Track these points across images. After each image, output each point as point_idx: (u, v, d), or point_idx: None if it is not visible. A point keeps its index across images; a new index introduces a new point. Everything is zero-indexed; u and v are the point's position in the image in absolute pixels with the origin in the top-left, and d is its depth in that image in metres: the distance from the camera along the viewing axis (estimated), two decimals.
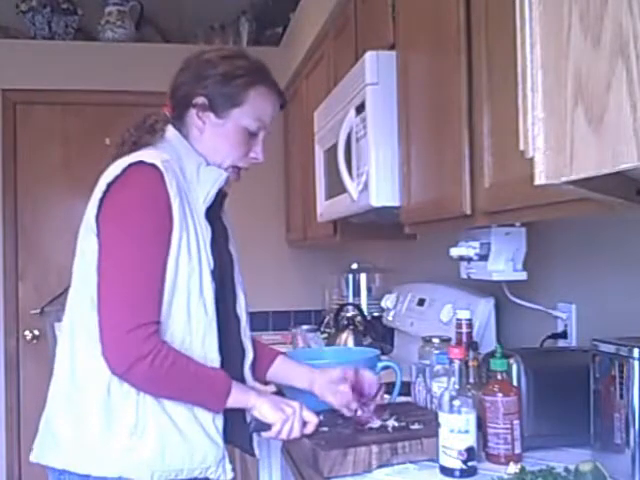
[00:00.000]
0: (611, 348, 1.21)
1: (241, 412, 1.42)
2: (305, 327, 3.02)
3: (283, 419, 1.36)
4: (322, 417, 1.46)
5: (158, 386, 1.29)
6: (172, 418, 1.31)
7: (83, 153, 3.71)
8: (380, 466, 1.35)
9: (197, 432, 1.34)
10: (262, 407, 1.36)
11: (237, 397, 1.34)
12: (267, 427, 1.38)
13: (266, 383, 1.67)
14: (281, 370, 1.63)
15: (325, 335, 2.99)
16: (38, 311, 3.64)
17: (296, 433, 1.38)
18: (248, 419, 1.42)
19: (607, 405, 1.22)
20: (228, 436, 1.40)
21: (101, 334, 1.26)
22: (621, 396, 1.18)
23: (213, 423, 1.36)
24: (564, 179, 0.71)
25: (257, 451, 1.50)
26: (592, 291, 1.65)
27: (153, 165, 1.29)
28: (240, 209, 1.55)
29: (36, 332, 3.71)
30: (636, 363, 1.15)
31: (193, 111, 1.43)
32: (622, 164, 0.63)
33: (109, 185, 1.31)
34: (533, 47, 0.73)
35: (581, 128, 0.68)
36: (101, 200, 1.31)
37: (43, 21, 3.76)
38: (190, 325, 1.33)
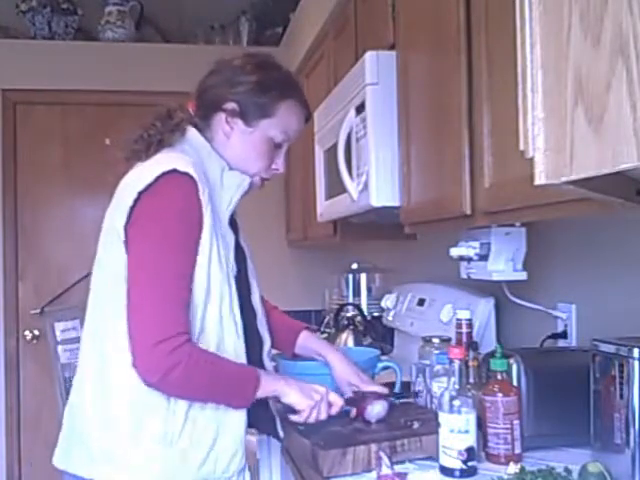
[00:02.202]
0: (611, 348, 1.21)
1: (264, 398, 1.43)
2: None
3: (311, 406, 1.40)
4: (347, 396, 1.51)
5: (189, 392, 1.29)
6: (200, 429, 1.32)
7: (83, 153, 3.71)
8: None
9: (222, 443, 1.34)
10: (291, 395, 1.39)
11: (266, 389, 1.36)
12: (294, 410, 1.42)
13: (294, 355, 1.72)
14: (305, 345, 1.71)
15: (325, 335, 2.99)
16: (38, 311, 3.64)
17: (323, 416, 1.42)
18: (271, 404, 1.47)
19: (607, 405, 1.22)
20: (252, 422, 1.42)
21: (132, 345, 1.25)
22: (621, 396, 1.18)
23: (238, 434, 1.36)
24: (564, 179, 0.71)
25: (281, 433, 1.53)
26: (592, 291, 1.65)
27: (187, 174, 1.28)
28: (240, 209, 1.55)
29: (36, 332, 3.70)
30: (636, 363, 1.15)
31: (222, 115, 1.42)
32: (622, 164, 0.63)
33: (140, 193, 1.27)
34: (533, 47, 0.73)
35: (581, 128, 0.68)
36: (131, 208, 1.28)
37: (43, 21, 3.76)
38: (223, 339, 1.34)
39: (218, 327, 1.33)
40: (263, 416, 1.48)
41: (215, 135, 1.44)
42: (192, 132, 1.42)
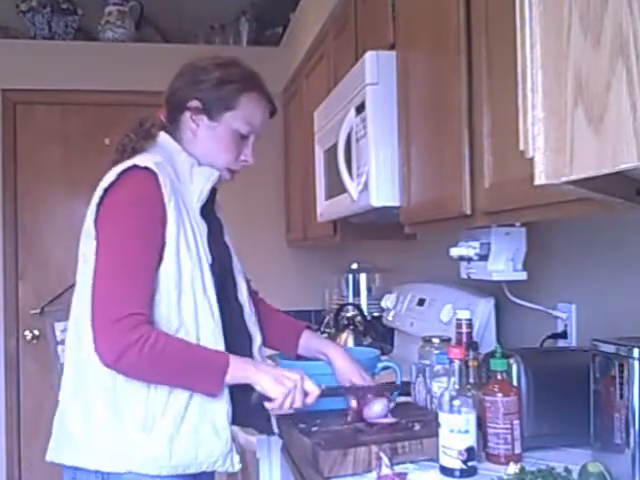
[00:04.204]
0: (611, 348, 1.21)
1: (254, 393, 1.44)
2: None
3: (284, 393, 1.38)
4: (324, 387, 1.47)
5: (149, 373, 1.32)
6: (181, 413, 1.34)
7: (83, 153, 3.71)
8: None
9: (205, 427, 1.37)
10: (263, 382, 1.38)
11: (236, 374, 1.36)
12: (270, 399, 1.40)
13: (299, 357, 1.72)
14: (307, 345, 1.70)
15: (325, 335, 2.99)
16: (38, 311, 3.63)
17: (298, 404, 1.40)
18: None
19: (607, 405, 1.22)
20: (244, 419, 1.43)
21: (92, 327, 1.30)
22: (621, 396, 1.18)
23: (221, 417, 1.38)
24: (564, 179, 0.71)
25: (275, 429, 1.55)
26: (592, 291, 1.65)
27: (146, 168, 1.35)
28: (240, 209, 1.57)
29: (36, 332, 3.71)
30: (636, 363, 1.15)
31: (187, 114, 1.50)
32: (622, 164, 0.63)
33: (105, 191, 1.37)
34: (533, 47, 0.73)
35: (581, 128, 0.68)
36: (98, 205, 1.37)
37: (43, 21, 3.76)
38: (198, 324, 1.38)
39: (193, 312, 1.37)
40: (257, 414, 1.48)
41: (183, 134, 1.51)
42: (162, 136, 1.51)
